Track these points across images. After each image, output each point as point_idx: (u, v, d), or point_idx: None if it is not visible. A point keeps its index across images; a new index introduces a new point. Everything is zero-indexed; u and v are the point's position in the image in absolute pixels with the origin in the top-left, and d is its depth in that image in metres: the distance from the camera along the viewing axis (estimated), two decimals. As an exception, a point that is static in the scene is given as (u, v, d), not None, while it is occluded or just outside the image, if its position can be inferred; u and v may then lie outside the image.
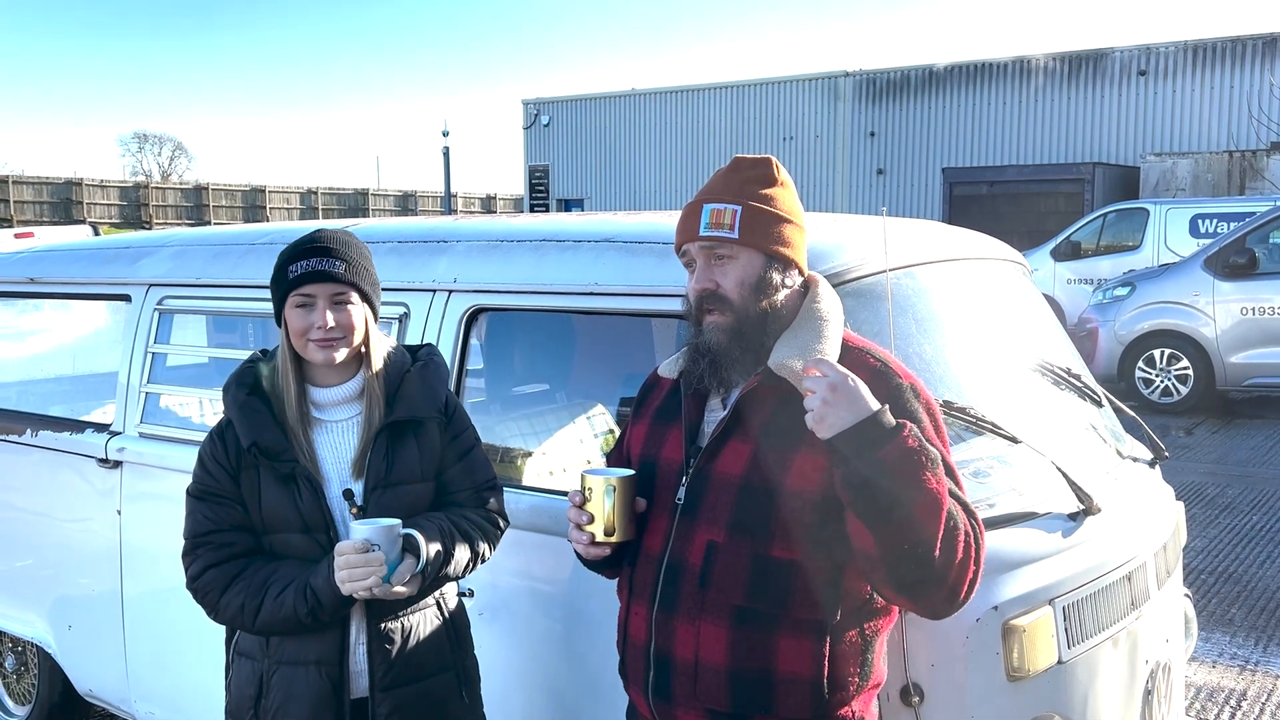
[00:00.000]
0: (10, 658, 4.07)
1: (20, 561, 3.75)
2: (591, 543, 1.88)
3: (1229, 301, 10.32)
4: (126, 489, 3.34)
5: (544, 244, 2.75)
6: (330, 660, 2.11)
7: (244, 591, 2.08)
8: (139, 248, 3.68)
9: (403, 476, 2.16)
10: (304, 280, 2.09)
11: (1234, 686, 4.48)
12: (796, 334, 1.86)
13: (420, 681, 2.17)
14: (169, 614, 3.25)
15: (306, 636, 2.11)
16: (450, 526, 2.14)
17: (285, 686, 2.12)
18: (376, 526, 1.99)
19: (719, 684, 1.82)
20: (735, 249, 1.86)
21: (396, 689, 2.14)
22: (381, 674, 2.13)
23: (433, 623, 2.21)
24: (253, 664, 2.17)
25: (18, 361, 4.73)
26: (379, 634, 2.13)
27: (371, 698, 2.14)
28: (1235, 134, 20.72)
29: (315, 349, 2.11)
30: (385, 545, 1.99)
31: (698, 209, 1.89)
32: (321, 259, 2.10)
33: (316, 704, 2.11)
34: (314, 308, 2.10)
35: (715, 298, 1.86)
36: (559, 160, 30.28)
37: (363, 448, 2.15)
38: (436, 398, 2.22)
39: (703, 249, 1.88)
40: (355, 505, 2.13)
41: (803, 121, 26.15)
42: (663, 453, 1.96)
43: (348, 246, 2.15)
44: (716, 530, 1.83)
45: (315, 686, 2.11)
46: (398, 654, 2.14)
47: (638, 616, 1.92)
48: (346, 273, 2.12)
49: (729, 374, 1.88)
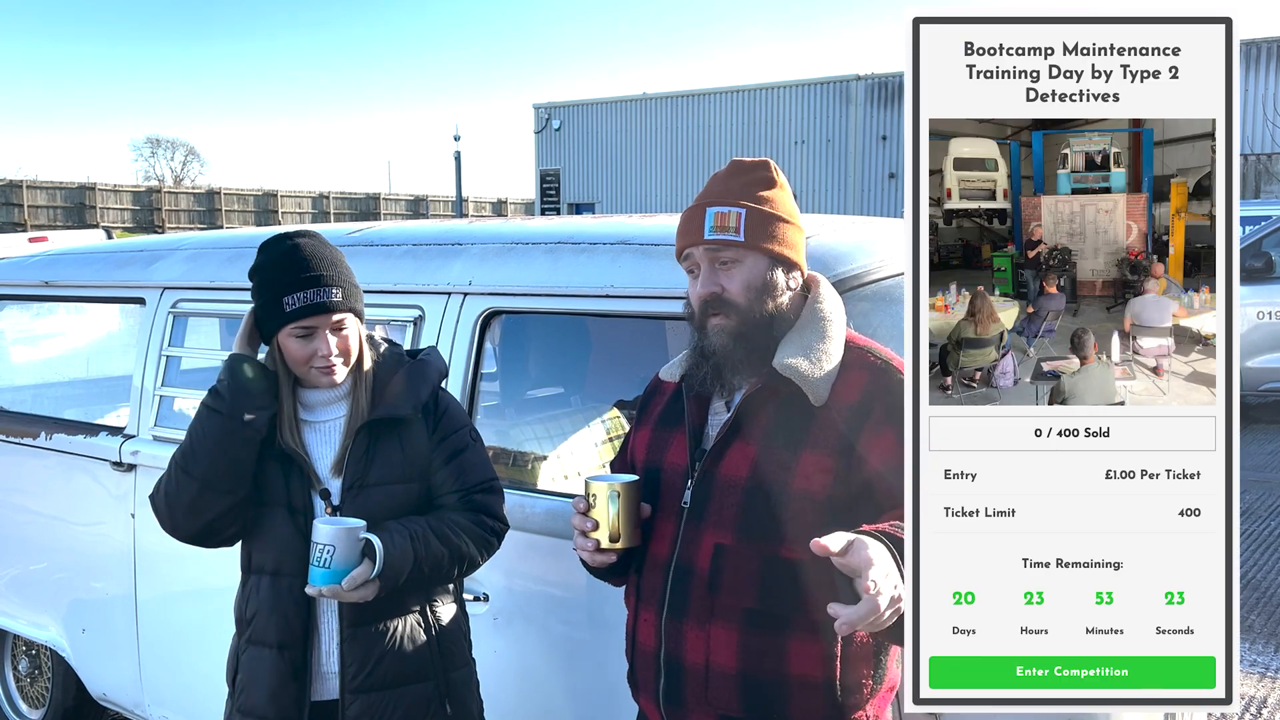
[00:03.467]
0: (25, 661, 4.08)
1: (34, 565, 3.75)
2: (597, 549, 1.86)
3: (1245, 305, 10.25)
4: (140, 492, 3.33)
5: (559, 247, 2.74)
6: (291, 644, 2.13)
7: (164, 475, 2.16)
8: (153, 251, 3.68)
9: (383, 477, 2.15)
10: (302, 314, 2.09)
11: (1253, 694, 4.44)
12: (800, 335, 1.85)
13: (394, 689, 2.15)
14: (183, 618, 3.24)
15: (269, 618, 2.13)
16: (426, 530, 2.11)
17: (250, 666, 2.16)
18: (335, 527, 1.99)
19: (731, 688, 1.80)
20: (740, 252, 1.85)
21: (368, 694, 2.13)
22: (352, 675, 2.12)
23: (415, 631, 2.18)
24: (236, 636, 2.22)
25: (33, 365, 4.75)
26: (353, 636, 2.13)
27: (341, 699, 2.14)
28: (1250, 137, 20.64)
29: (318, 375, 2.14)
30: (341, 547, 1.98)
31: (700, 213, 1.88)
32: (317, 289, 2.10)
33: (276, 688, 2.12)
34: (314, 337, 2.11)
35: (721, 301, 1.85)
36: (570, 164, 30.34)
37: (343, 446, 2.16)
38: (417, 396, 2.20)
39: (707, 253, 1.86)
40: (330, 505, 2.13)
41: (814, 126, 26.14)
42: (667, 457, 1.95)
43: (335, 266, 2.15)
44: (724, 533, 1.82)
45: (276, 669, 2.13)
46: (371, 659, 2.13)
47: (646, 623, 1.91)
48: (344, 300, 2.13)
49: (733, 377, 1.88)
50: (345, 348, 2.14)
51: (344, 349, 2.14)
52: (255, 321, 2.17)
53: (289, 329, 2.10)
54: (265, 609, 2.14)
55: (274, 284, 2.12)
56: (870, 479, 1.76)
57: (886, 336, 2.36)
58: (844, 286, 2.33)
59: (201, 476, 2.09)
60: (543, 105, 30.95)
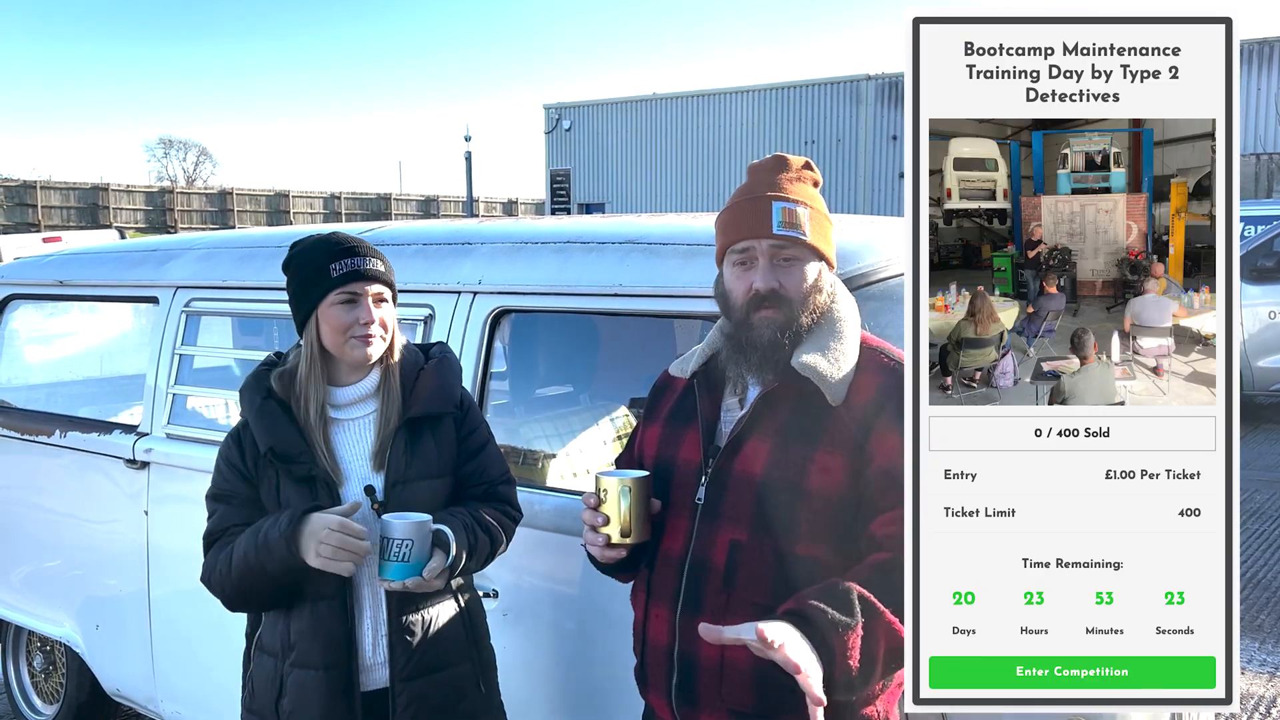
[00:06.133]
0: (39, 657, 4.12)
1: (49, 562, 3.78)
2: (608, 544, 1.87)
3: (1256, 305, 10.21)
4: (154, 490, 3.37)
5: (568, 246, 2.76)
6: (337, 663, 2.14)
7: (218, 559, 2.14)
8: (166, 250, 3.71)
9: (422, 472, 2.19)
10: (349, 279, 2.14)
11: (1263, 693, 4.43)
12: (817, 335, 1.86)
13: (440, 672, 2.20)
14: (195, 614, 3.27)
15: (314, 641, 2.14)
16: (472, 521, 2.17)
17: (298, 690, 2.16)
18: (409, 521, 2.02)
19: (745, 684, 1.81)
20: (803, 250, 1.85)
21: (416, 679, 2.17)
22: (402, 664, 2.16)
23: (451, 614, 2.24)
24: (274, 663, 2.20)
25: (47, 363, 4.79)
26: (400, 626, 2.16)
27: (392, 688, 2.17)
28: (1262, 137, 20.54)
29: (356, 345, 2.16)
30: (418, 540, 2.02)
31: (765, 205, 1.84)
32: (362, 259, 2.16)
33: (326, 707, 2.14)
34: (358, 304, 2.15)
35: (777, 297, 1.84)
36: (580, 165, 30.35)
37: (381, 443, 2.19)
38: (453, 394, 2.25)
39: (771, 247, 1.84)
40: (376, 500, 2.15)
41: (824, 125, 26.11)
42: (680, 453, 1.95)
43: (374, 249, 2.22)
44: (739, 529, 1.83)
45: (325, 690, 2.14)
46: (418, 645, 2.17)
47: (659, 619, 1.91)
48: (385, 272, 2.20)
49: (762, 372, 1.87)
50: (384, 322, 2.18)
51: (384, 322, 2.18)
52: (293, 304, 2.20)
53: (333, 296, 2.13)
54: (308, 634, 2.15)
55: (317, 256, 2.16)
56: (871, 478, 1.77)
57: (894, 335, 2.37)
58: (852, 285, 2.34)
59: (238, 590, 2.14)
60: (553, 105, 30.97)
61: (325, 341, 2.17)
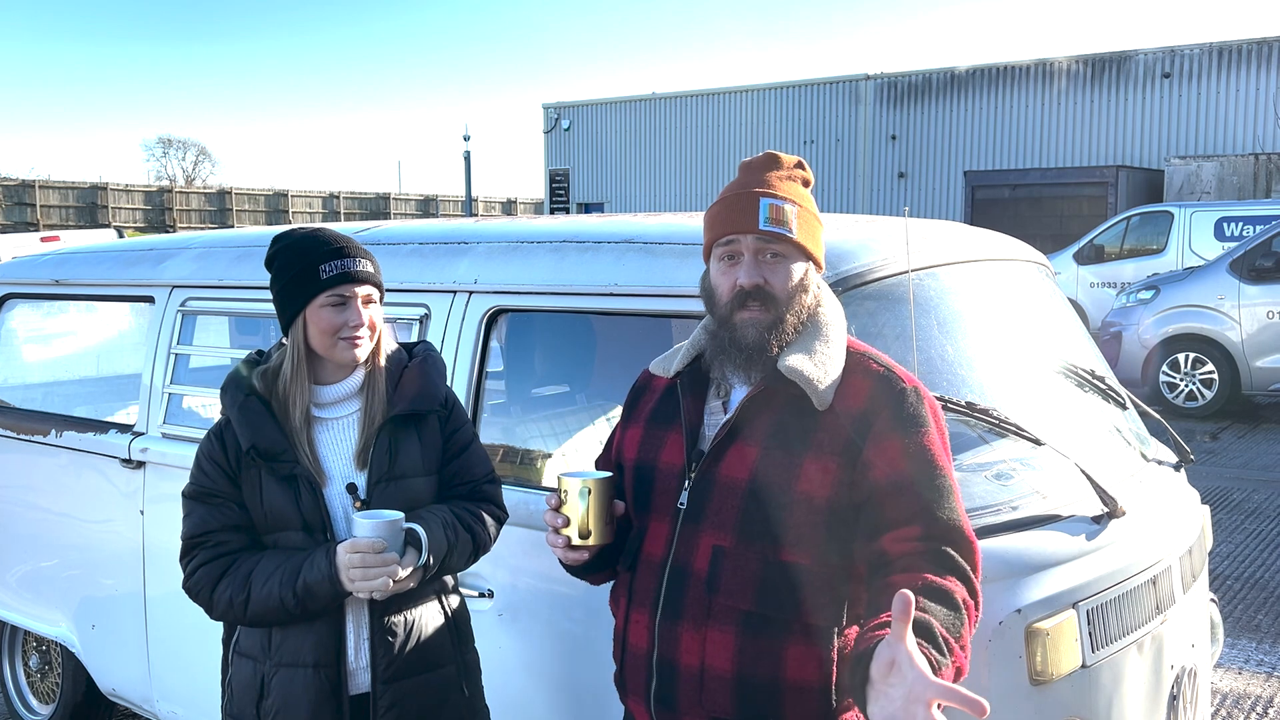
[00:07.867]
0: (35, 656, 4.11)
1: (45, 561, 3.78)
2: (568, 546, 1.84)
3: (1255, 305, 10.22)
4: (149, 489, 3.36)
5: (564, 245, 2.76)
6: (327, 662, 2.13)
7: (230, 585, 2.10)
8: (163, 250, 3.70)
9: (405, 470, 2.18)
10: (339, 281, 2.13)
11: (1260, 693, 4.43)
12: (803, 338, 1.83)
13: (422, 674, 2.19)
14: (191, 614, 3.25)
15: (303, 639, 2.13)
16: (453, 519, 2.16)
17: (284, 688, 2.14)
18: (380, 520, 2.01)
19: (725, 691, 1.78)
20: (789, 248, 1.83)
21: (398, 682, 2.16)
22: (384, 667, 2.15)
23: (435, 616, 2.22)
24: (254, 665, 2.19)
25: (43, 363, 4.78)
26: (382, 628, 2.15)
27: (373, 691, 2.15)
28: (1261, 136, 20.54)
29: (345, 347, 2.15)
30: (389, 539, 2.01)
31: (753, 200, 1.82)
32: (352, 260, 2.15)
33: (315, 705, 2.13)
34: (347, 306, 2.14)
35: (762, 294, 1.81)
36: (579, 164, 30.34)
37: (364, 441, 2.18)
38: (438, 393, 2.24)
39: (757, 242, 1.82)
40: (359, 499, 2.15)
41: (824, 125, 26.10)
42: (661, 456, 1.91)
43: (362, 248, 2.21)
44: (723, 535, 1.79)
45: (313, 688, 2.13)
46: (400, 648, 2.16)
47: (638, 624, 1.87)
48: (375, 273, 2.19)
49: (748, 372, 1.84)
50: (372, 323, 2.18)
51: (372, 324, 2.18)
52: (278, 303, 2.18)
53: (323, 298, 2.12)
54: (296, 633, 2.14)
55: (305, 256, 2.14)
56: (873, 489, 1.73)
57: (891, 335, 2.37)
58: (848, 284, 2.33)
59: (254, 620, 2.13)
60: (552, 105, 30.95)
61: (313, 342, 2.15)
